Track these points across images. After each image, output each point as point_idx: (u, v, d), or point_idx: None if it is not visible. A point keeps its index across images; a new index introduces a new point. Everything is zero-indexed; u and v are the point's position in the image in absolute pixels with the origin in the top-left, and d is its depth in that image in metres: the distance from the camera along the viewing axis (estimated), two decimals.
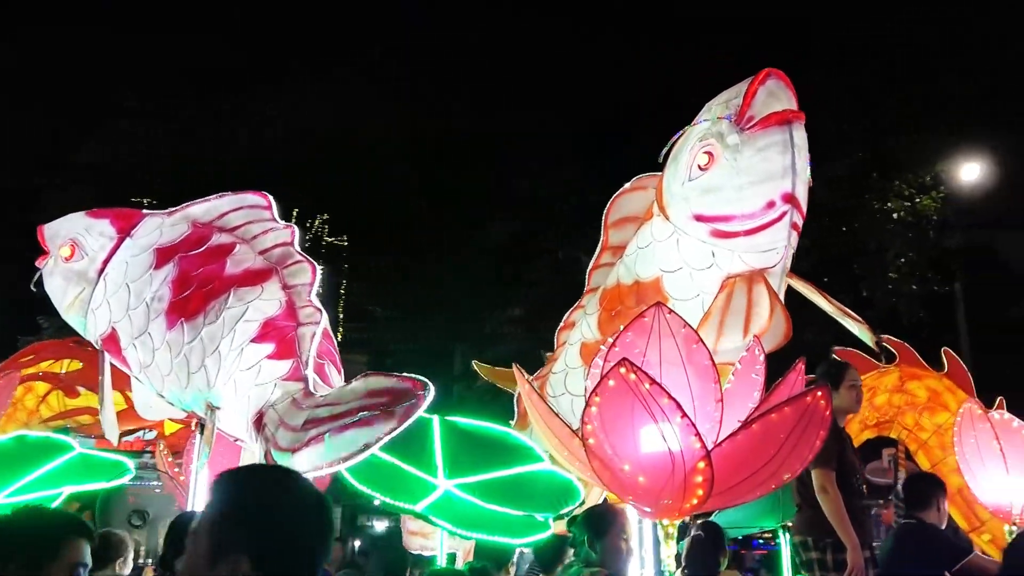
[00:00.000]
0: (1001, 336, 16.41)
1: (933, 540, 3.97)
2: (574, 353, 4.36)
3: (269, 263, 4.20)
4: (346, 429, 3.19)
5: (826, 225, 16.21)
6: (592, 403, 3.02)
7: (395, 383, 3.20)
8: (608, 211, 4.55)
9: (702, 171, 3.80)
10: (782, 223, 3.70)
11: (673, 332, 3.16)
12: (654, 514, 3.18)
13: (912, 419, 6.67)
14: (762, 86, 3.69)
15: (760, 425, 2.86)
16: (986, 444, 4.43)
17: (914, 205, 16.29)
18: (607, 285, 4.33)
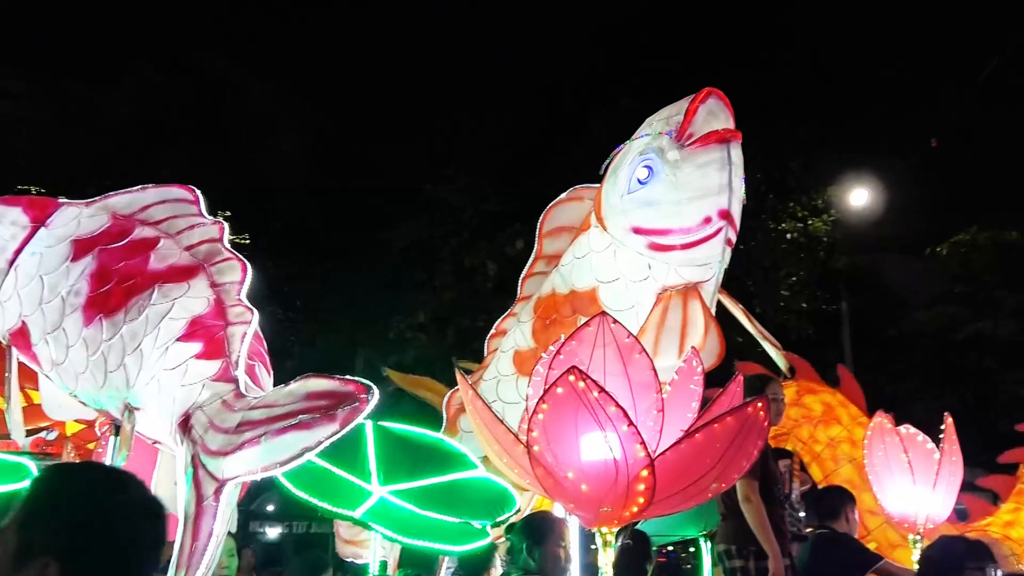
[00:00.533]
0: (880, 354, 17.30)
1: (847, 548, 4.15)
2: (507, 361, 4.37)
3: (196, 259, 4.06)
4: (284, 432, 3.11)
5: None
6: (539, 410, 3.03)
7: (337, 386, 3.13)
8: (543, 220, 4.59)
9: (641, 184, 3.88)
10: (718, 239, 3.82)
11: (617, 341, 3.19)
12: (593, 521, 3.20)
13: (807, 432, 6.95)
14: (702, 104, 3.79)
15: (703, 435, 2.93)
16: (895, 456, 4.65)
17: (807, 227, 17.01)
18: (542, 294, 4.36)
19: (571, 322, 4.16)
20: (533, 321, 4.33)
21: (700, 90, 3.86)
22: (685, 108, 3.83)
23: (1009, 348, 15.94)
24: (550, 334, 4.24)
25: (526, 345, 4.33)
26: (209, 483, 3.31)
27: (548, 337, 4.24)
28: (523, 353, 4.32)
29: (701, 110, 3.79)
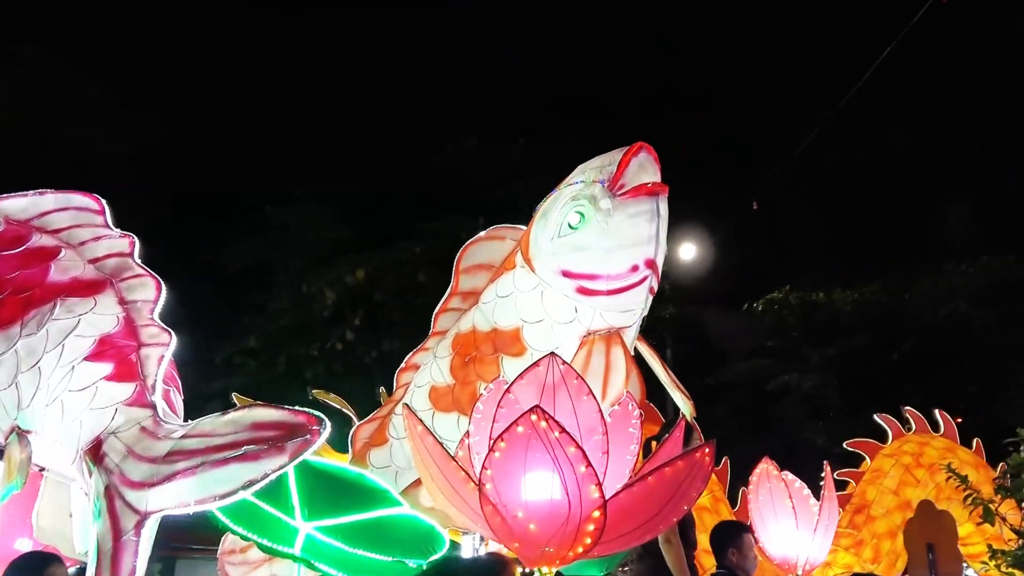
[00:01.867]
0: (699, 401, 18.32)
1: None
2: (422, 396, 4.34)
3: (103, 274, 3.78)
4: (226, 463, 2.95)
5: None
6: (496, 448, 3.04)
7: (286, 416, 3.01)
8: (460, 257, 4.61)
9: (572, 229, 4.00)
10: (643, 286, 3.99)
11: (566, 382, 3.26)
12: (534, 561, 3.23)
13: None
14: (635, 157, 3.97)
15: (655, 478, 3.05)
16: (780, 501, 4.97)
17: None
18: (461, 330, 4.36)
19: (492, 360, 4.20)
20: (451, 357, 4.33)
21: (632, 144, 4.03)
22: (618, 159, 3.99)
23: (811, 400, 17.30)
24: (469, 371, 4.26)
25: (443, 381, 4.31)
26: (129, 516, 3.07)
27: (467, 374, 4.26)
28: (439, 389, 4.30)
29: (633, 163, 3.97)
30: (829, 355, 16.88)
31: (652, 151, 4.02)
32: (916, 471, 7.03)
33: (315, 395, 5.97)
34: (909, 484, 6.92)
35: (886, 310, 16.57)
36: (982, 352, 15.53)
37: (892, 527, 6.50)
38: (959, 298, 15.98)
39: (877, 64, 11.39)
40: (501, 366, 4.15)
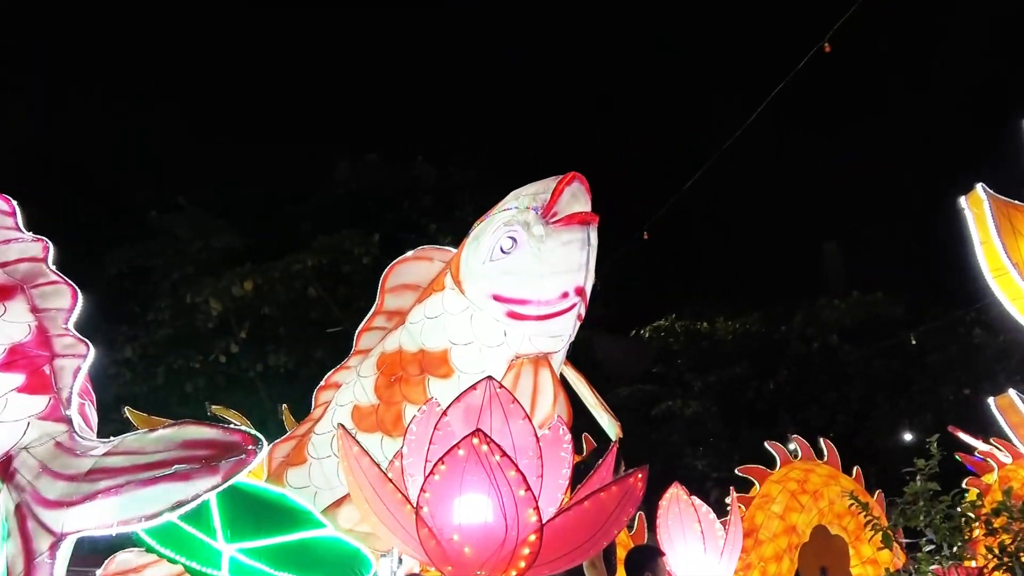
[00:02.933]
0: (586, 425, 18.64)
1: None
2: (344, 415, 4.27)
3: (12, 279, 3.57)
4: (154, 483, 2.83)
5: None
6: (436, 471, 3.03)
7: (220, 435, 2.91)
8: (386, 276, 4.59)
9: (505, 254, 4.05)
10: (571, 313, 4.07)
11: (503, 406, 3.29)
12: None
13: None
14: (568, 187, 4.06)
15: (591, 502, 3.10)
16: (689, 525, 5.12)
17: None
18: (387, 350, 4.33)
19: (418, 381, 4.19)
20: (376, 377, 4.28)
21: (566, 173, 4.12)
22: (552, 188, 4.07)
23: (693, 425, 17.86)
24: (394, 392, 4.23)
25: (367, 401, 4.26)
26: (43, 537, 2.90)
27: (392, 394, 4.23)
28: (363, 409, 4.25)
29: (566, 192, 4.05)
30: (710, 382, 17.49)
31: (584, 181, 4.12)
32: (801, 497, 7.37)
33: (213, 411, 5.79)
34: (795, 509, 7.26)
35: (764, 340, 17.30)
36: (851, 383, 16.40)
37: (778, 551, 6.78)
38: (831, 332, 16.84)
39: (761, 109, 11.96)
40: (428, 387, 4.14)
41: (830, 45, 10.97)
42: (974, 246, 4.23)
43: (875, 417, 15.89)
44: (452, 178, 19.53)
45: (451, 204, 19.42)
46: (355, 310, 18.55)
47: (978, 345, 15.35)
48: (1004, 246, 3.99)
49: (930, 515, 4.05)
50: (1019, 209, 4.04)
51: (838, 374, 16.45)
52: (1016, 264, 3.91)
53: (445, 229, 18.69)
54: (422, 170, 19.36)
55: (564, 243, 4.00)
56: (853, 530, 7.39)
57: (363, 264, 17.65)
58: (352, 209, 19.33)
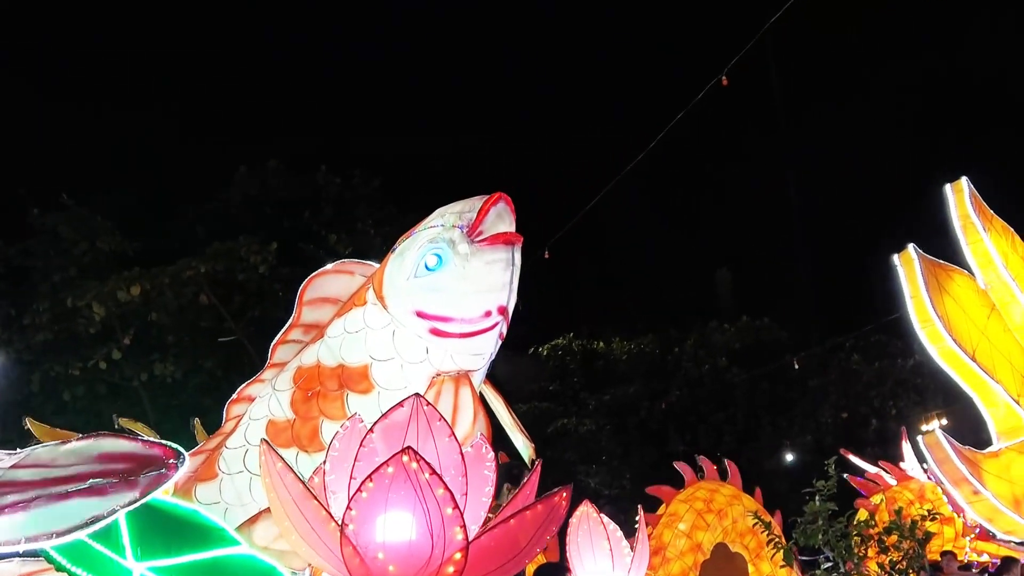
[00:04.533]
0: None
1: None
2: (258, 430, 4.17)
3: None
4: (67, 497, 2.71)
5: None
6: (364, 488, 3.01)
7: (138, 448, 2.82)
8: (304, 288, 4.52)
9: (429, 271, 4.06)
10: (494, 331, 4.11)
11: (430, 424, 3.29)
12: None
13: None
14: (494, 206, 4.11)
15: (517, 521, 3.14)
16: (598, 542, 5.20)
17: None
18: (304, 364, 4.26)
19: (336, 396, 4.14)
20: (292, 391, 4.21)
21: (492, 193, 4.17)
22: (478, 207, 4.11)
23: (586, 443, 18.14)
24: (311, 407, 4.17)
25: (283, 415, 4.18)
26: None
27: (309, 409, 4.17)
28: (278, 423, 4.16)
29: (492, 211, 4.10)
30: (605, 401, 17.82)
31: (510, 202, 4.17)
32: (707, 515, 7.60)
33: (122, 424, 5.56)
34: (700, 528, 7.48)
35: (658, 362, 17.76)
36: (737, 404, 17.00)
37: (685, 568, 6.97)
38: (720, 354, 17.43)
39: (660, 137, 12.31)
40: (346, 403, 4.10)
41: (728, 79, 11.40)
42: (904, 299, 4.63)
43: (759, 437, 16.49)
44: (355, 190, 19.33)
45: (353, 216, 19.21)
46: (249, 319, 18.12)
47: (855, 371, 16.15)
48: (931, 300, 4.41)
49: (827, 534, 4.27)
50: (943, 268, 4.42)
51: (726, 395, 17.02)
52: (940, 316, 4.31)
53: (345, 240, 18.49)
54: (325, 180, 19.09)
55: (488, 262, 4.04)
56: (754, 548, 7.66)
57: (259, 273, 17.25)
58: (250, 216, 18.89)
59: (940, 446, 4.89)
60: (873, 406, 15.80)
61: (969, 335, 4.74)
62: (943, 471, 5.23)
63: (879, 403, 15.62)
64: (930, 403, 15.33)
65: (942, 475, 5.15)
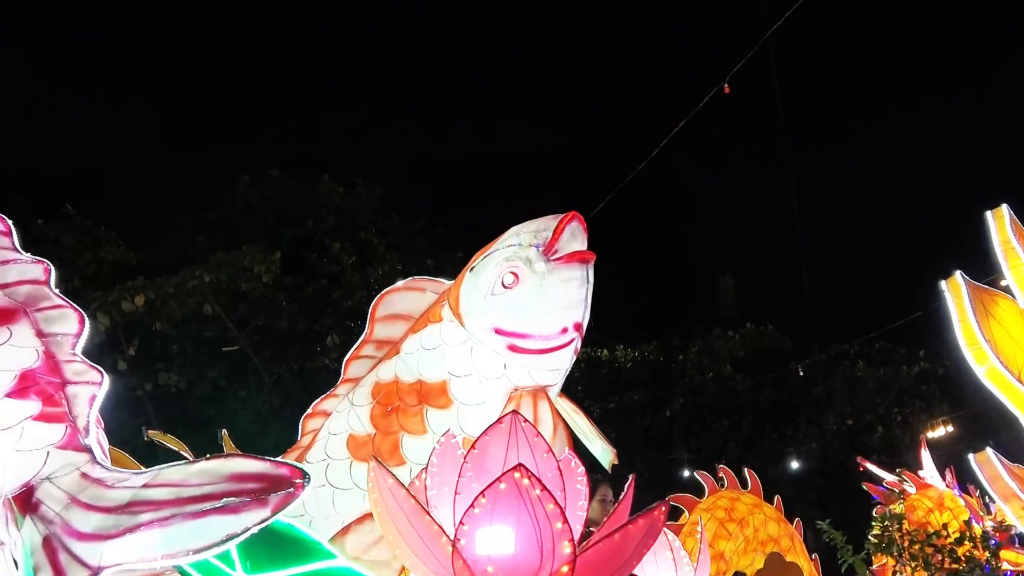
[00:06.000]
0: None
1: None
2: (338, 444, 4.27)
3: (14, 302, 3.44)
4: (203, 515, 2.80)
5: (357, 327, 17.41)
6: (476, 504, 3.11)
7: (268, 468, 2.91)
8: (376, 305, 4.61)
9: (506, 289, 4.17)
10: (570, 348, 4.22)
11: (528, 440, 3.39)
12: None
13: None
14: (568, 225, 4.23)
15: (621, 535, 3.24)
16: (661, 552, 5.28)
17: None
18: (382, 379, 4.36)
19: (416, 411, 4.24)
20: (371, 406, 4.30)
21: (566, 212, 4.28)
22: (552, 226, 4.22)
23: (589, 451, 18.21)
24: (391, 422, 4.26)
25: (363, 430, 4.26)
26: (78, 570, 2.82)
27: (389, 424, 4.26)
28: (359, 438, 4.25)
29: (567, 230, 4.21)
30: (609, 408, 17.95)
31: (582, 220, 4.29)
32: (728, 525, 7.72)
33: (150, 435, 5.63)
34: (722, 537, 7.60)
35: (661, 369, 17.92)
36: (742, 412, 17.17)
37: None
38: (724, 362, 17.61)
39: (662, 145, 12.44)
40: (426, 418, 4.20)
41: (729, 87, 11.55)
42: (952, 324, 4.87)
43: (763, 445, 16.67)
44: (358, 198, 19.41)
45: (355, 225, 19.28)
46: (253, 329, 18.14)
47: (860, 378, 16.36)
48: (978, 324, 4.71)
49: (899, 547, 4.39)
50: (988, 292, 4.69)
51: (730, 403, 17.19)
52: (988, 340, 4.59)
53: (349, 249, 18.56)
54: (327, 188, 19.16)
55: (565, 280, 4.15)
56: None
57: (262, 282, 17.31)
58: (252, 225, 18.94)
59: (991, 464, 5.06)
60: (878, 413, 16.01)
61: (1015, 357, 4.94)
62: (994, 488, 5.40)
63: (884, 410, 15.83)
64: (936, 410, 15.60)
65: (993, 492, 5.32)
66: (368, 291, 17.47)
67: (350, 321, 17.52)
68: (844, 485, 15.30)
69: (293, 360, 17.87)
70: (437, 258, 18.84)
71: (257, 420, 16.61)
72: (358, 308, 17.39)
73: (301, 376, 17.42)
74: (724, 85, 11.26)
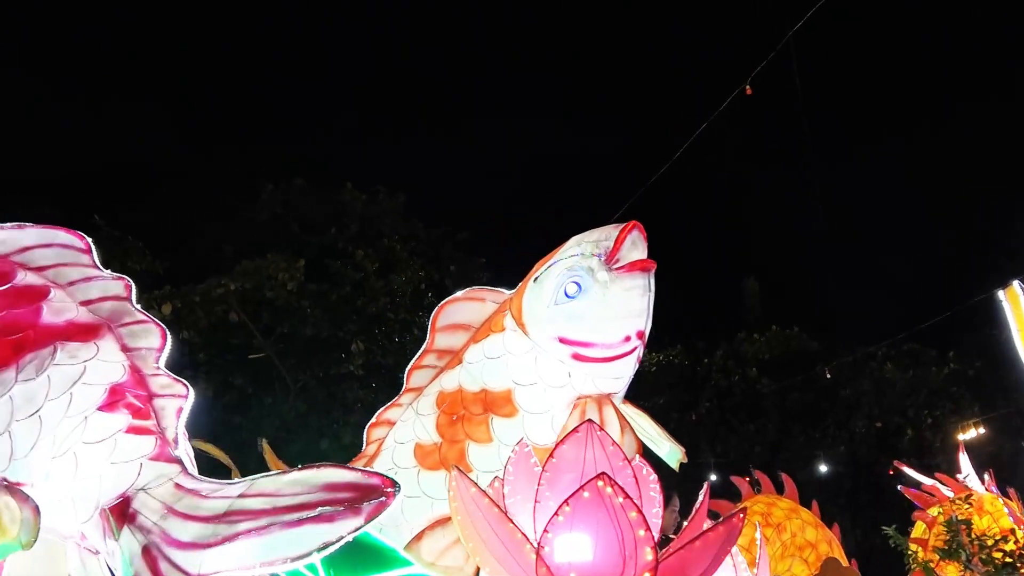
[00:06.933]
0: None
1: None
2: (405, 453, 4.33)
3: (99, 318, 3.52)
4: (300, 524, 2.87)
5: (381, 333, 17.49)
6: (560, 512, 3.16)
7: (360, 478, 2.98)
8: (437, 315, 4.67)
9: (569, 298, 4.22)
10: (633, 355, 4.28)
11: (604, 448, 3.44)
12: None
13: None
14: (629, 235, 4.27)
15: (701, 542, 3.29)
16: None
17: None
18: (445, 388, 4.41)
19: (481, 420, 4.29)
20: (437, 415, 4.36)
21: (627, 222, 4.33)
22: (614, 236, 4.27)
23: None
24: (457, 430, 4.32)
25: (429, 439, 4.33)
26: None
27: (455, 433, 4.32)
28: (425, 447, 4.32)
29: (628, 239, 4.26)
30: None
31: (643, 229, 4.34)
32: (765, 530, 7.71)
33: (192, 444, 5.69)
34: None
35: (686, 373, 17.91)
36: (768, 415, 17.14)
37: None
38: (750, 365, 17.58)
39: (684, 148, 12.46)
40: (491, 426, 4.25)
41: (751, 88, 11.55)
42: (1011, 331, 4.93)
43: (791, 448, 16.63)
44: (380, 205, 19.49)
45: (378, 231, 19.35)
46: (278, 336, 18.24)
47: (888, 380, 16.30)
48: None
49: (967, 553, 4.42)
50: None
51: (756, 406, 17.16)
52: None
53: (372, 256, 18.63)
54: (350, 196, 19.25)
55: (627, 289, 4.20)
56: (813, 562, 7.78)
57: (287, 290, 17.40)
58: (276, 234, 19.04)
59: None
60: (908, 416, 15.95)
61: None
62: None
63: (914, 413, 15.77)
64: (966, 412, 15.53)
65: None
66: (391, 297, 17.58)
67: (374, 327, 17.59)
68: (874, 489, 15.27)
69: (318, 367, 17.96)
70: (460, 263, 18.91)
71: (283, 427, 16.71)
72: (382, 314, 17.48)
73: (326, 383, 17.50)
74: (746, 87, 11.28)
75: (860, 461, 15.89)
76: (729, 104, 11.79)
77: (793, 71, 12.77)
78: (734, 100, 11.73)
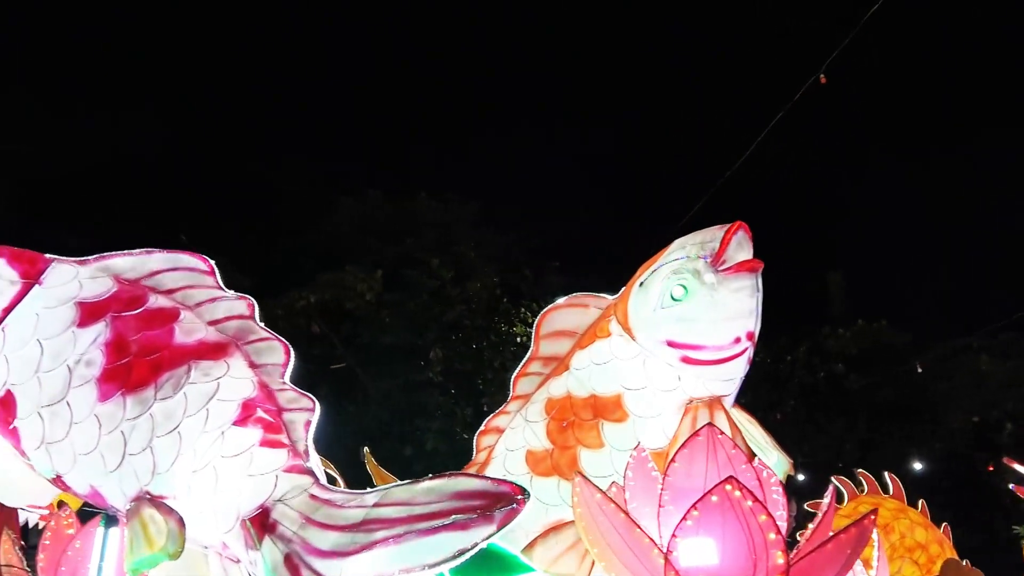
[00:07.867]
0: None
1: None
2: (517, 460, 4.38)
3: (226, 336, 3.66)
4: (435, 532, 2.93)
5: (458, 340, 17.64)
6: (689, 517, 3.16)
7: (491, 486, 3.03)
8: (540, 322, 4.71)
9: (676, 301, 4.21)
10: (743, 357, 4.24)
11: (726, 452, 3.43)
12: None
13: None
14: (735, 235, 4.24)
15: (833, 545, 3.25)
16: None
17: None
18: (553, 395, 4.44)
19: (591, 426, 4.31)
20: (547, 422, 4.39)
21: (732, 222, 4.30)
22: (719, 237, 4.24)
23: None
24: (567, 436, 4.35)
25: (540, 446, 4.36)
26: None
27: (566, 439, 4.35)
28: (537, 453, 4.35)
29: (734, 240, 4.23)
30: None
31: (748, 229, 4.30)
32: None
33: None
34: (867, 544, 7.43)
35: (770, 371, 17.61)
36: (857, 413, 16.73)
37: None
38: (836, 361, 17.19)
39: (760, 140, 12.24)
40: (602, 431, 4.27)
41: (825, 76, 11.29)
42: None
43: (882, 446, 16.22)
44: (452, 212, 19.69)
45: (451, 239, 19.53)
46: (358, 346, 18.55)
47: (985, 372, 15.78)
48: None
49: None
50: None
51: (844, 404, 16.78)
52: None
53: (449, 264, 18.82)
54: (424, 206, 19.49)
55: (735, 290, 4.17)
56: (924, 563, 7.57)
57: (366, 300, 17.69)
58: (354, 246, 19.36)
59: None
60: (1007, 409, 15.42)
61: None
62: None
63: (1013, 405, 15.24)
64: None
65: None
66: (467, 304, 17.73)
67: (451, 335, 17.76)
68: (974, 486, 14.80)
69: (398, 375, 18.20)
70: (535, 268, 18.97)
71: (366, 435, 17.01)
72: (459, 322, 17.64)
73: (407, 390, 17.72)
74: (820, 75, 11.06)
75: (958, 458, 15.42)
76: (804, 93, 11.57)
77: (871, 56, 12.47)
78: (809, 89, 11.50)
